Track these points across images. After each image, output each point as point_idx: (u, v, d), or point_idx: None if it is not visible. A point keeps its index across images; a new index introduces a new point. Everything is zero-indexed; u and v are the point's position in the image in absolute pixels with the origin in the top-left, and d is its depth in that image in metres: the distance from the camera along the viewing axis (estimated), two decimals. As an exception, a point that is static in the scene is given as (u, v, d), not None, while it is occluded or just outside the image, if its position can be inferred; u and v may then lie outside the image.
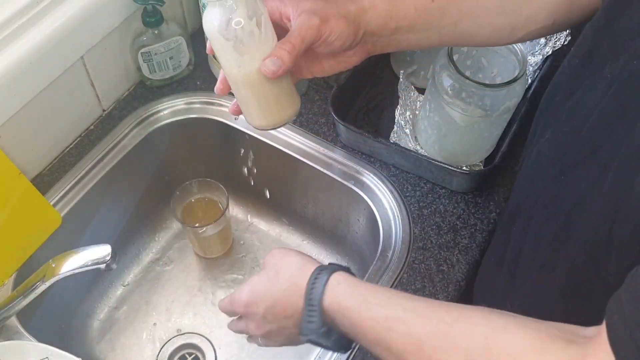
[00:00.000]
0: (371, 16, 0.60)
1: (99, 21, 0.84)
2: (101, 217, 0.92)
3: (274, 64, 0.56)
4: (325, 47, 0.60)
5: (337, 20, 0.58)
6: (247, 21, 0.55)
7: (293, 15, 0.59)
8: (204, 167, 1.02)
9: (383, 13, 0.61)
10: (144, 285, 1.00)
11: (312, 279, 0.58)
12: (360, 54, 0.64)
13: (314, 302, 0.57)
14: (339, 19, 0.58)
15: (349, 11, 0.60)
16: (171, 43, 0.92)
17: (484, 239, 0.83)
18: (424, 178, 0.88)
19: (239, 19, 0.55)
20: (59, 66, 0.81)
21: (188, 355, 0.94)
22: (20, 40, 0.76)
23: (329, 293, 0.57)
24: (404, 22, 0.61)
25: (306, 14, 0.58)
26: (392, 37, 0.63)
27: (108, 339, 0.95)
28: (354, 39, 0.60)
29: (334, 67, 0.65)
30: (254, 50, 0.56)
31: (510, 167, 0.89)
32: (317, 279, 0.58)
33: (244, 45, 0.56)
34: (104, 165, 0.89)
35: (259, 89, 0.59)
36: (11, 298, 0.72)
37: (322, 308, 0.57)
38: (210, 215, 0.96)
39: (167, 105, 0.95)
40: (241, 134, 0.94)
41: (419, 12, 0.61)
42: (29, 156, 0.85)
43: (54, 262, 0.68)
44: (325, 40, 0.59)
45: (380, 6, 0.61)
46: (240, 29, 0.55)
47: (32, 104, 0.79)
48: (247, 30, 0.55)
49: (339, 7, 0.59)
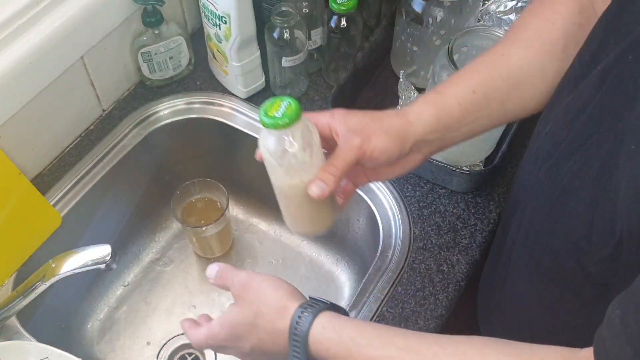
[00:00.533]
0: (418, 126, 0.61)
1: (99, 21, 0.84)
2: (101, 217, 0.92)
3: (319, 187, 0.57)
4: (371, 162, 0.60)
5: (378, 137, 0.59)
6: (300, 152, 0.57)
7: (340, 132, 0.59)
8: (204, 167, 1.02)
9: (430, 119, 0.61)
10: (144, 286, 1.00)
11: (294, 325, 0.56)
12: (416, 160, 0.64)
13: (298, 349, 0.56)
14: (381, 135, 0.59)
15: (392, 125, 0.60)
16: (171, 43, 0.92)
17: (484, 239, 0.83)
18: (424, 178, 0.88)
19: (294, 151, 0.57)
20: (59, 66, 0.81)
21: (188, 356, 0.94)
22: (21, 40, 0.76)
23: (313, 340, 0.56)
24: (452, 120, 0.62)
25: (349, 134, 0.59)
26: (444, 137, 0.63)
27: (108, 339, 0.95)
28: (401, 152, 0.61)
29: (391, 174, 0.66)
30: (302, 175, 0.58)
31: (511, 167, 0.89)
32: (298, 323, 0.56)
33: (295, 171, 0.58)
34: (104, 165, 0.89)
35: (300, 203, 0.61)
36: (11, 298, 0.72)
37: (308, 353, 0.56)
38: (210, 215, 0.96)
39: (167, 106, 0.95)
40: (241, 134, 0.94)
41: (463, 107, 0.62)
42: (29, 156, 0.85)
43: (54, 262, 0.68)
44: (370, 157, 0.59)
45: (426, 114, 0.61)
46: (294, 159, 0.57)
47: (32, 104, 0.79)
48: (299, 160, 0.57)
49: (382, 124, 0.60)
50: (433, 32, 0.89)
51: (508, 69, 0.63)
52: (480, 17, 0.99)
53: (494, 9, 0.99)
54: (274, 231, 1.06)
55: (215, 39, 0.89)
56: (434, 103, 0.62)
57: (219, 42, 0.89)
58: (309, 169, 0.58)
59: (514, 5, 0.98)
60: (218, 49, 0.91)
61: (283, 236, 1.06)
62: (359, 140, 0.58)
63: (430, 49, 0.91)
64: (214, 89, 0.98)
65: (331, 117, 0.61)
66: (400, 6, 0.91)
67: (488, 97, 0.62)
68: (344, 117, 0.60)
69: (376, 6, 1.01)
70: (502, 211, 0.84)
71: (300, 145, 0.57)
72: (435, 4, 0.87)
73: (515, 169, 0.89)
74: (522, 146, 0.91)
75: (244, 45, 0.88)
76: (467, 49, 0.84)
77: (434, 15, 0.88)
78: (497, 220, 0.85)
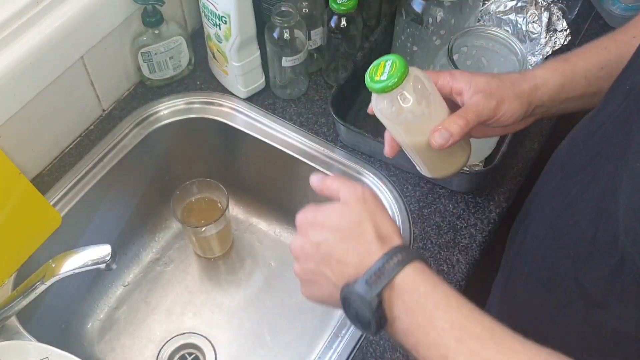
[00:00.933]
0: (543, 92, 0.61)
1: (99, 21, 0.83)
2: (101, 217, 0.92)
3: (442, 137, 0.56)
4: (497, 124, 0.60)
5: (512, 101, 0.59)
6: (416, 106, 0.56)
7: (466, 91, 0.59)
8: (204, 167, 1.02)
9: (556, 87, 0.61)
10: (144, 286, 1.00)
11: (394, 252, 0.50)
12: (526, 123, 0.64)
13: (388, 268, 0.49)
14: (514, 100, 0.59)
15: (523, 90, 0.60)
16: (171, 43, 0.92)
17: (484, 238, 0.83)
18: (424, 178, 0.88)
19: (409, 106, 0.55)
20: (59, 66, 0.81)
21: (188, 355, 0.94)
22: (20, 40, 0.76)
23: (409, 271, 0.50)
24: (576, 92, 0.62)
25: (483, 94, 0.58)
26: (561, 106, 0.63)
27: (108, 339, 0.95)
28: (525, 116, 0.61)
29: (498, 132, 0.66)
30: (424, 127, 0.57)
31: (511, 167, 0.89)
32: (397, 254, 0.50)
33: (415, 125, 0.57)
34: (104, 165, 0.89)
35: (427, 153, 0.61)
36: (11, 298, 0.72)
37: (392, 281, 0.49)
38: (210, 215, 0.96)
39: (167, 105, 0.95)
40: (241, 133, 0.94)
41: (589, 81, 0.62)
42: (29, 156, 0.85)
43: (53, 262, 0.68)
44: (499, 120, 0.59)
45: (552, 81, 0.61)
46: (411, 115, 0.56)
47: (32, 103, 0.79)
48: (417, 114, 0.56)
49: (514, 88, 0.59)
50: (433, 32, 0.89)
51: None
52: (480, 17, 0.99)
53: (494, 9, 0.99)
54: (274, 231, 1.06)
55: (215, 39, 0.89)
56: (562, 71, 0.61)
57: (219, 42, 0.89)
58: (429, 119, 0.57)
59: (514, 5, 0.98)
60: (218, 49, 0.91)
61: (283, 236, 1.06)
62: (494, 102, 0.57)
63: (430, 48, 0.91)
64: (214, 89, 0.98)
65: (451, 77, 0.60)
66: (400, 6, 0.91)
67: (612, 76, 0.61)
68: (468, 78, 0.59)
69: (376, 6, 1.01)
70: (514, 220, 0.84)
71: (415, 99, 0.55)
72: (435, 3, 0.87)
73: (516, 169, 0.89)
74: (522, 146, 0.91)
75: (244, 45, 0.88)
76: (467, 48, 0.84)
77: (434, 15, 0.88)
78: (496, 220, 0.85)
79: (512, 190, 0.87)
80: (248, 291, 1.00)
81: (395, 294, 0.49)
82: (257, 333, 0.96)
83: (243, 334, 0.96)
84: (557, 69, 0.62)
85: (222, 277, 1.02)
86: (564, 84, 0.61)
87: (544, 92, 0.61)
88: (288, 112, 0.95)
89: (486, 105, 0.58)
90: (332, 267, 0.53)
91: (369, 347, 0.75)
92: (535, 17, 0.96)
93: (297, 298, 0.99)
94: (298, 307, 0.97)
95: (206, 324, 0.97)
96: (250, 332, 0.96)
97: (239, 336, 0.96)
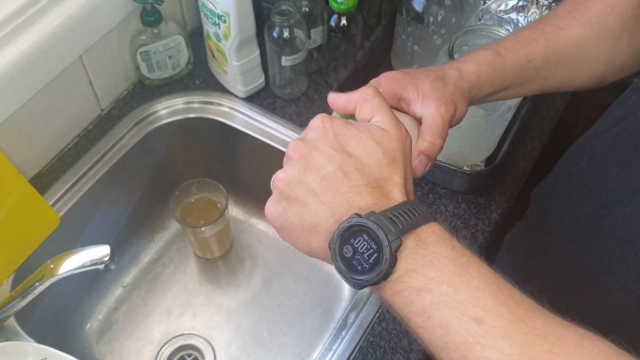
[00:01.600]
0: (478, 88, 0.60)
1: (98, 20, 0.83)
2: (100, 217, 0.92)
3: (422, 163, 0.56)
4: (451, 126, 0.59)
5: (462, 104, 0.58)
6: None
7: (413, 100, 0.56)
8: (204, 167, 1.01)
9: (486, 81, 0.61)
10: (143, 286, 1.00)
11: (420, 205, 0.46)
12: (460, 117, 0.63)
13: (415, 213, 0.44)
14: (463, 102, 0.58)
15: (465, 90, 0.59)
16: (170, 42, 0.92)
17: (485, 239, 0.83)
18: (425, 178, 0.88)
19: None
20: (57, 65, 0.80)
21: (187, 357, 0.94)
22: (19, 39, 0.75)
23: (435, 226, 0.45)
24: (503, 85, 0.62)
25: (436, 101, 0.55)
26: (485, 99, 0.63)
27: (107, 340, 0.95)
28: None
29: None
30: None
31: (512, 167, 0.88)
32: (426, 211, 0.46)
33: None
34: (102, 165, 0.89)
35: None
36: (9, 299, 0.71)
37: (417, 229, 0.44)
38: (209, 215, 0.96)
39: (166, 105, 0.95)
40: (241, 133, 0.93)
41: (517, 75, 0.62)
42: (27, 156, 0.84)
43: (52, 263, 0.67)
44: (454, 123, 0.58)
45: (484, 77, 0.60)
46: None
47: (30, 103, 0.79)
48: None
49: (457, 90, 0.58)
50: (434, 31, 0.89)
51: (565, 45, 0.62)
52: (481, 16, 0.98)
53: (495, 8, 0.98)
54: (273, 231, 1.06)
55: (215, 38, 0.89)
56: (494, 66, 0.61)
57: (218, 41, 0.89)
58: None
59: (515, 4, 0.97)
60: (217, 48, 0.90)
61: (283, 236, 1.05)
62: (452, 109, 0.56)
63: (430, 48, 0.90)
64: (213, 89, 0.97)
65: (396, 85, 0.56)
66: (400, 5, 0.90)
67: (539, 69, 0.62)
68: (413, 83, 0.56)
69: (376, 5, 1.00)
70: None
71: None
72: (436, 2, 0.86)
73: (517, 169, 0.88)
74: (523, 146, 0.91)
75: (243, 44, 0.88)
76: (468, 47, 0.83)
77: (435, 14, 0.87)
78: (498, 220, 0.84)
79: (513, 190, 0.87)
80: (247, 292, 1.00)
81: (417, 244, 0.43)
82: (256, 334, 0.95)
83: (242, 334, 0.95)
84: (490, 64, 0.61)
85: (222, 277, 1.02)
86: (494, 79, 0.61)
87: (478, 88, 0.61)
88: (288, 112, 0.95)
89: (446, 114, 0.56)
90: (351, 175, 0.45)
91: (369, 349, 0.75)
92: (536, 16, 0.96)
93: (297, 299, 0.98)
94: (298, 308, 0.97)
95: (205, 325, 0.96)
96: (249, 333, 0.96)
97: (238, 337, 0.95)
